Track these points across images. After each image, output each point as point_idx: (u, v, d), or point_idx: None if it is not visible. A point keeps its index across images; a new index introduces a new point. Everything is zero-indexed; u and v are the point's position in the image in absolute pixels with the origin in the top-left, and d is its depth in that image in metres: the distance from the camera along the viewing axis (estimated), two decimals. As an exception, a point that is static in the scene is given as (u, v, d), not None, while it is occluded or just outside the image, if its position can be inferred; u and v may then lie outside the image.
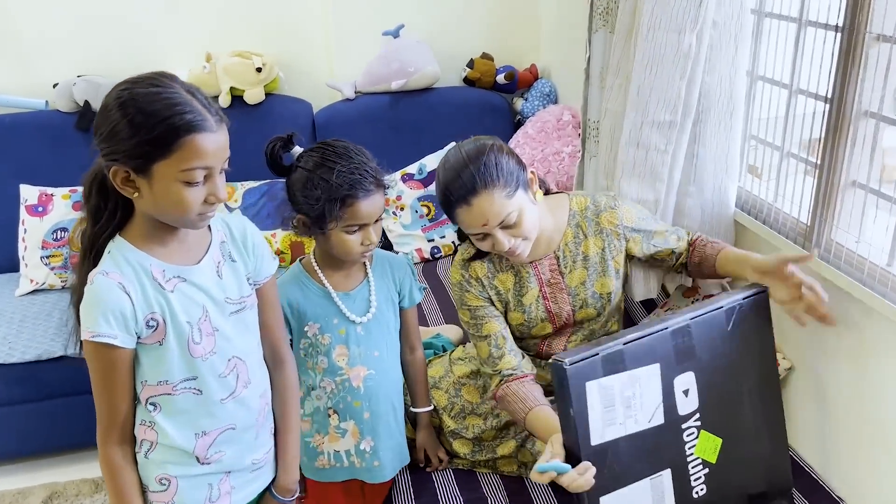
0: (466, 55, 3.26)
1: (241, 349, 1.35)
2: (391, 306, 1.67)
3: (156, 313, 1.24)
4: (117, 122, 1.14)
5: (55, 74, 2.99)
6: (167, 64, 3.05)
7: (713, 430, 1.48)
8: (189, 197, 1.18)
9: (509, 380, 1.65)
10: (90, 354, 1.23)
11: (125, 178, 1.17)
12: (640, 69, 1.80)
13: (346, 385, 1.64)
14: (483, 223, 1.54)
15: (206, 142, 1.16)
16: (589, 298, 1.71)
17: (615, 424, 1.36)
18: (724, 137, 1.87)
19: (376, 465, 1.69)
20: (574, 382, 1.30)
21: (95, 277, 1.21)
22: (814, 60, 1.69)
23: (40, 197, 2.87)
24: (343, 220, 1.50)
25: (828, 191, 1.65)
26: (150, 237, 1.25)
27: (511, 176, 1.53)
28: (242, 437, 1.37)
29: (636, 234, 1.71)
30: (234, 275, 1.34)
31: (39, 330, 2.57)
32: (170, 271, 1.26)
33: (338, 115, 3.12)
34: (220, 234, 1.35)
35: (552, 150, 2.86)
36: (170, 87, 1.17)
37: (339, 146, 1.54)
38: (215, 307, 1.30)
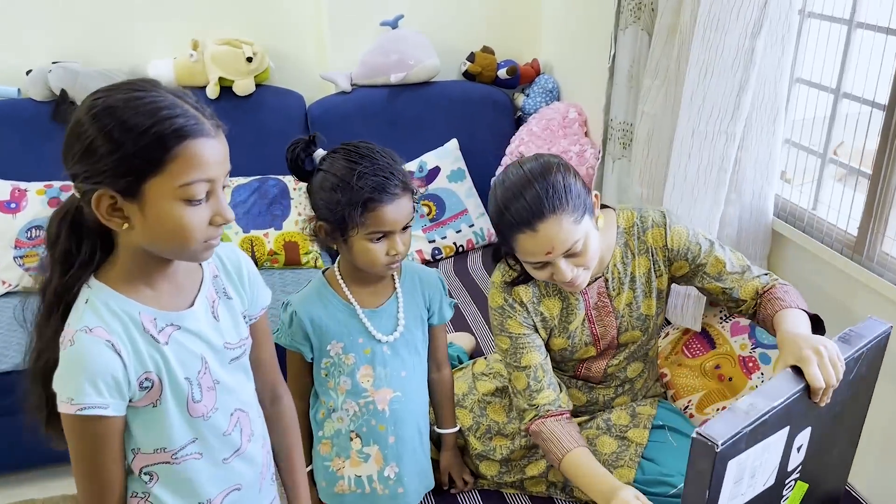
0: (467, 48, 3.15)
1: (244, 400, 1.18)
2: (420, 324, 1.56)
3: (151, 372, 1.04)
4: (94, 137, 0.94)
5: (29, 61, 2.79)
6: (151, 51, 2.88)
7: (806, 477, 1.38)
8: (192, 219, 0.98)
9: (546, 415, 1.54)
10: (74, 430, 1.02)
11: (111, 206, 0.97)
12: (694, 75, 1.68)
13: (370, 408, 1.52)
14: (548, 251, 1.39)
15: (205, 148, 0.97)
16: (635, 321, 1.60)
17: (738, 497, 1.24)
18: (765, 143, 1.78)
19: (400, 492, 1.58)
20: (720, 466, 1.15)
21: (76, 336, 0.99)
22: (869, 65, 1.61)
23: (13, 192, 2.68)
24: (366, 226, 1.38)
25: (881, 201, 1.58)
26: (136, 279, 1.04)
27: (579, 199, 1.39)
28: (247, 494, 1.21)
29: (682, 260, 1.55)
30: (231, 315, 1.16)
31: (15, 337, 2.39)
32: (162, 319, 1.06)
33: (333, 108, 2.98)
34: (212, 267, 1.16)
35: (559, 148, 2.76)
36: (153, 91, 0.98)
37: (363, 147, 1.42)
38: (214, 356, 1.12)
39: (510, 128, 3.07)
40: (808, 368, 1.21)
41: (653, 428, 1.66)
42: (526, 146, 2.85)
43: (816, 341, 1.25)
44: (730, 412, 1.18)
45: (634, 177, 1.94)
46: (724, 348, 1.93)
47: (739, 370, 1.87)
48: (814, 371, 1.20)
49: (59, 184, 2.71)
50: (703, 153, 1.74)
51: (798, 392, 1.24)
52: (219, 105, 2.85)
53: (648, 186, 1.91)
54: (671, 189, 1.78)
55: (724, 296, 1.55)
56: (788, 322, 1.38)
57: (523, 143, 2.88)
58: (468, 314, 2.42)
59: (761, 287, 1.51)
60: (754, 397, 1.21)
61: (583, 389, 1.70)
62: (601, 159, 2.18)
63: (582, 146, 2.76)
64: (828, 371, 1.20)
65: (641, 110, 1.89)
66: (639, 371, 1.70)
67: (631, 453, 1.61)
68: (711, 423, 1.17)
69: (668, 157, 1.76)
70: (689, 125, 1.72)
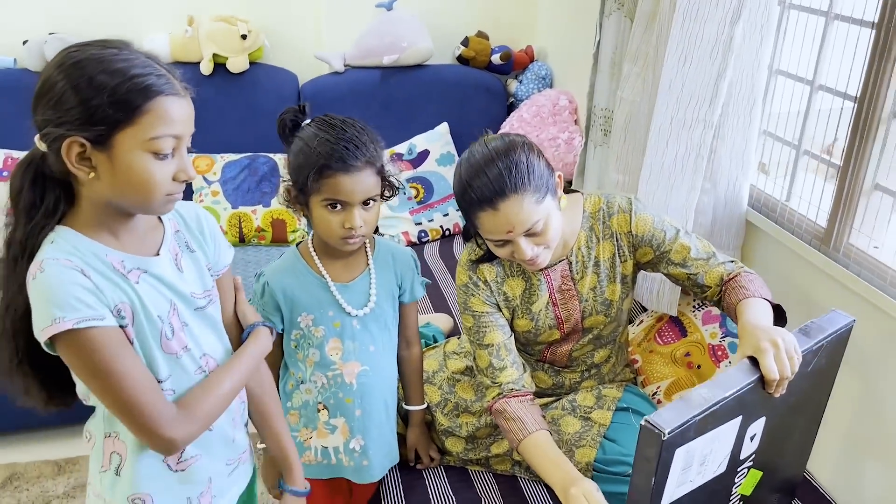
0: (461, 33, 3.15)
1: (211, 347, 1.20)
2: (391, 300, 1.58)
3: (125, 304, 1.05)
4: (66, 88, 0.97)
5: (25, 31, 2.81)
6: (145, 25, 2.89)
7: (760, 465, 1.40)
8: (157, 172, 1.02)
9: (509, 395, 1.56)
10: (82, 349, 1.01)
11: (80, 155, 1.00)
12: (672, 62, 1.68)
13: (338, 380, 1.54)
14: (508, 230, 1.40)
15: (175, 107, 1.02)
16: (599, 305, 1.61)
17: (686, 483, 1.26)
18: (741, 134, 1.79)
19: (365, 465, 1.60)
20: (666, 454, 1.17)
21: (44, 264, 0.99)
22: (843, 57, 1.62)
23: (6, 160, 2.71)
24: (320, 192, 1.39)
25: (849, 193, 1.59)
26: (99, 227, 1.06)
27: (541, 180, 1.40)
28: (216, 439, 1.23)
29: (646, 247, 1.55)
30: (196, 266, 1.19)
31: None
32: (130, 262, 1.08)
33: (325, 88, 2.99)
34: (173, 222, 1.19)
35: (548, 135, 2.77)
36: (125, 49, 1.02)
37: (338, 119, 1.43)
38: (181, 301, 1.14)
39: (502, 113, 3.08)
40: (764, 360, 1.22)
41: (617, 410, 1.67)
42: (516, 132, 2.86)
43: (775, 333, 1.26)
44: (681, 401, 1.20)
45: (611, 164, 1.95)
46: (694, 336, 1.95)
47: (708, 358, 1.89)
48: (769, 363, 1.21)
49: (52, 154, 2.74)
50: (680, 140, 1.75)
51: (752, 383, 1.25)
52: (212, 81, 2.88)
53: (625, 173, 1.91)
54: (647, 176, 1.78)
55: (689, 281, 1.56)
56: (750, 312, 1.39)
57: (513, 128, 2.89)
58: (450, 296, 2.44)
59: (726, 274, 1.52)
60: (708, 387, 1.23)
61: (549, 373, 1.72)
62: (584, 146, 2.19)
63: (571, 133, 2.77)
64: (783, 363, 1.21)
65: (620, 96, 1.90)
66: (605, 357, 1.72)
67: (594, 433, 1.63)
68: (661, 411, 1.18)
69: (645, 145, 1.76)
70: (667, 112, 1.72)
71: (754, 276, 1.51)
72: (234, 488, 1.31)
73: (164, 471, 1.17)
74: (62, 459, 2.46)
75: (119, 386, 1.03)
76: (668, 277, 1.60)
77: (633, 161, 1.87)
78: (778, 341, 1.24)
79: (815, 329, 1.33)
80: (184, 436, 1.09)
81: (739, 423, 1.27)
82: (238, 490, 1.33)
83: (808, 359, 1.30)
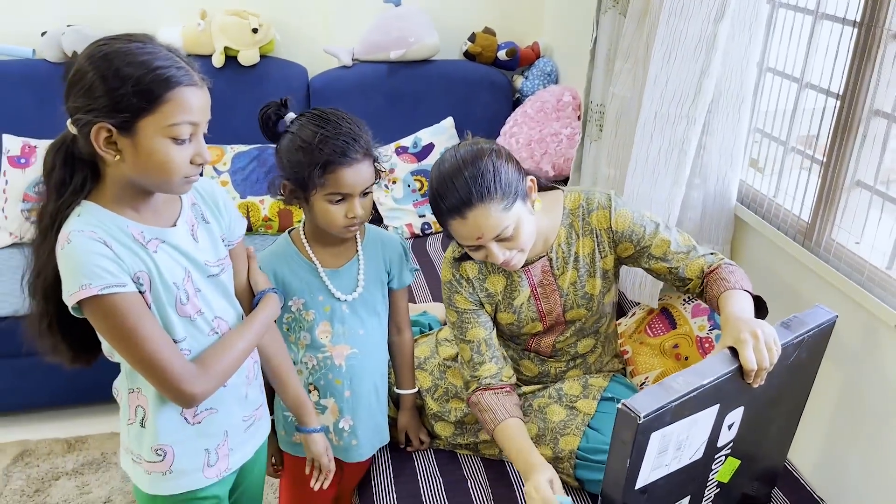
0: (468, 28, 3.20)
1: (222, 311, 1.31)
2: (379, 286, 1.63)
3: (143, 272, 1.17)
4: (95, 78, 1.08)
5: (44, 23, 2.90)
6: (159, 18, 2.97)
7: (737, 454, 1.42)
8: (176, 156, 1.13)
9: (486, 389, 1.61)
10: (107, 312, 1.12)
11: (107, 139, 1.10)
12: (658, 58, 1.72)
13: (327, 362, 1.60)
14: (478, 236, 1.44)
15: (193, 96, 1.12)
16: (580, 299, 1.64)
17: (661, 467, 1.29)
18: (731, 130, 1.82)
19: (354, 444, 1.66)
20: (641, 437, 1.20)
21: (71, 235, 1.11)
22: (827, 55, 1.64)
23: (23, 148, 2.80)
24: (325, 187, 1.44)
25: (831, 189, 1.62)
26: (122, 201, 1.18)
27: (509, 187, 1.43)
28: (230, 395, 1.34)
29: (626, 242, 1.58)
30: (210, 237, 1.30)
31: (16, 284, 2.47)
32: (148, 233, 1.19)
33: (334, 81, 3.05)
34: (190, 196, 1.30)
35: (550, 130, 2.81)
36: (150, 43, 1.13)
37: (330, 112, 1.48)
38: (195, 269, 1.26)
39: (507, 109, 3.12)
40: (743, 350, 1.25)
41: (603, 399, 1.70)
42: (519, 127, 2.91)
43: (755, 324, 1.29)
44: (659, 387, 1.23)
45: (602, 157, 1.99)
46: (683, 329, 1.99)
47: (696, 350, 1.92)
48: (748, 353, 1.25)
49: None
50: (664, 135, 1.78)
51: (730, 372, 1.28)
52: (223, 74, 2.95)
53: (615, 167, 1.95)
54: (633, 169, 1.82)
55: (670, 275, 1.59)
56: (731, 304, 1.42)
57: (517, 123, 2.93)
58: (448, 286, 2.48)
59: (707, 266, 1.55)
60: (686, 374, 1.26)
61: (535, 361, 1.76)
62: (580, 141, 2.23)
63: (573, 129, 2.81)
64: (762, 354, 1.25)
65: (612, 92, 1.94)
66: (590, 347, 1.75)
67: (578, 422, 1.66)
68: (638, 395, 1.21)
69: (632, 139, 1.80)
70: (651, 107, 1.76)
71: (735, 268, 1.53)
72: (251, 442, 1.43)
73: (183, 424, 1.29)
74: (72, 437, 2.55)
75: (140, 346, 1.15)
76: (650, 272, 1.62)
77: (621, 155, 1.91)
78: (758, 332, 1.27)
79: (797, 323, 1.36)
80: (201, 391, 1.21)
81: (717, 411, 1.30)
82: (255, 445, 1.44)
83: (789, 352, 1.33)
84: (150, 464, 1.29)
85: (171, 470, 1.29)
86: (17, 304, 2.42)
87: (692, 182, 1.89)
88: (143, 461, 1.29)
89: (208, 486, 1.35)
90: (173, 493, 1.32)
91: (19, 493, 2.32)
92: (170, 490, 1.31)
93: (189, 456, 1.30)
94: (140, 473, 1.31)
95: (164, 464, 1.29)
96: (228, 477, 1.39)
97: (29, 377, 2.54)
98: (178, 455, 1.29)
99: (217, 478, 1.35)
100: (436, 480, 1.73)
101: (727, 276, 1.50)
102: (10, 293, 2.47)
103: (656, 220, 1.59)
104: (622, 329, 2.12)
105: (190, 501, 1.35)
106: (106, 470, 2.42)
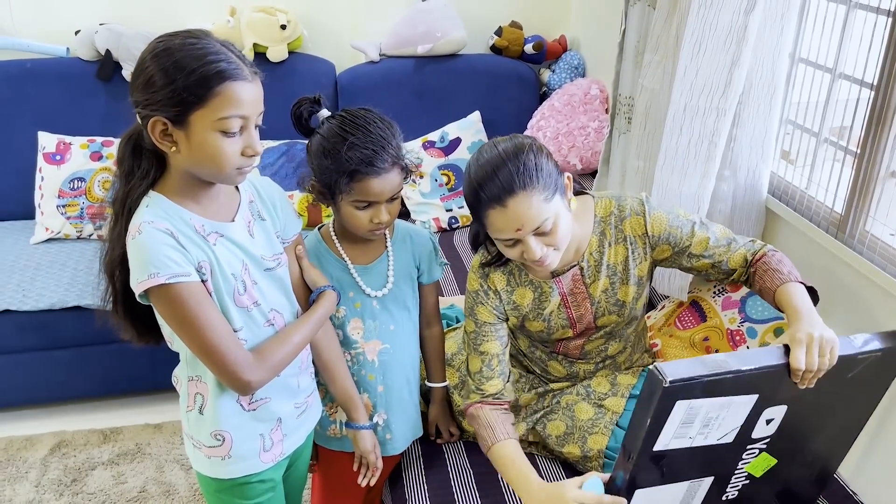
0: (495, 22, 3.19)
1: (278, 303, 1.36)
2: (409, 282, 1.64)
3: (205, 262, 1.22)
4: (154, 73, 1.14)
5: (77, 21, 2.96)
6: (190, 16, 3.00)
7: (774, 453, 1.41)
8: (226, 148, 1.17)
9: (486, 402, 1.61)
10: (169, 300, 1.18)
11: (163, 132, 1.16)
12: (687, 50, 1.71)
13: (360, 358, 1.61)
14: (517, 228, 1.41)
15: (242, 90, 1.16)
16: (612, 307, 1.62)
17: (684, 438, 1.28)
18: (762, 121, 1.80)
19: (388, 438, 1.67)
20: (664, 401, 1.21)
21: (142, 226, 1.17)
22: (861, 45, 1.62)
23: (58, 145, 2.85)
24: (351, 194, 1.45)
25: (866, 180, 1.60)
26: (185, 193, 1.23)
27: (550, 178, 1.41)
28: (285, 383, 1.40)
29: (664, 244, 1.56)
30: (265, 233, 1.35)
31: (53, 279, 2.57)
32: (209, 226, 1.25)
33: (361, 77, 3.07)
34: (249, 194, 1.35)
35: (578, 124, 2.81)
36: (204, 39, 1.17)
37: (360, 116, 1.47)
38: (252, 263, 1.31)
39: (534, 102, 3.12)
40: (795, 349, 1.24)
41: (631, 397, 1.69)
42: (547, 121, 2.90)
43: (816, 327, 1.27)
44: (698, 360, 1.24)
45: (632, 149, 1.98)
46: (713, 321, 1.98)
47: (726, 343, 1.91)
48: (798, 353, 1.23)
49: (101, 139, 2.87)
50: (693, 127, 1.77)
51: (776, 367, 1.26)
52: (252, 70, 2.98)
53: (644, 159, 1.94)
54: (662, 162, 1.81)
55: (713, 269, 1.57)
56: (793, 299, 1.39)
57: (544, 117, 2.93)
58: (476, 280, 2.49)
59: (750, 254, 1.53)
60: (730, 356, 1.26)
61: (563, 363, 1.74)
62: (609, 133, 2.23)
63: (601, 122, 2.80)
64: (813, 357, 1.23)
65: (641, 84, 1.93)
66: (619, 349, 1.73)
67: (606, 421, 1.65)
68: (675, 362, 1.23)
69: (662, 131, 1.79)
70: (681, 100, 1.75)
71: (781, 255, 1.51)
72: (303, 428, 1.49)
73: (239, 411, 1.34)
74: (107, 429, 2.60)
75: (203, 333, 1.20)
76: (691, 270, 1.60)
77: (652, 147, 1.90)
78: (815, 335, 1.25)
79: (869, 340, 1.32)
80: (257, 379, 1.27)
81: (755, 402, 1.29)
82: (307, 430, 1.50)
83: (849, 365, 1.29)
84: (209, 448, 1.34)
85: (230, 455, 1.35)
86: (53, 299, 2.48)
87: (722, 174, 1.88)
88: (203, 446, 1.34)
89: (264, 470, 1.40)
90: (233, 476, 1.38)
91: (56, 483, 2.38)
92: (230, 474, 1.37)
93: (246, 441, 1.36)
94: (201, 458, 1.37)
95: (223, 448, 1.34)
96: (282, 461, 1.45)
97: (66, 370, 2.60)
98: (236, 440, 1.34)
99: (273, 462, 1.41)
100: (466, 472, 1.74)
101: (777, 266, 1.47)
102: (47, 287, 2.53)
103: (692, 219, 1.57)
104: (651, 322, 2.11)
105: (248, 485, 1.40)
106: (140, 460, 2.47)
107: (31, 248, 2.76)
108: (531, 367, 1.79)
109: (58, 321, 2.50)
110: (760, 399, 1.30)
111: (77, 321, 2.50)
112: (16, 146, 2.89)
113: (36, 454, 2.49)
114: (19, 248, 2.75)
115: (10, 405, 2.66)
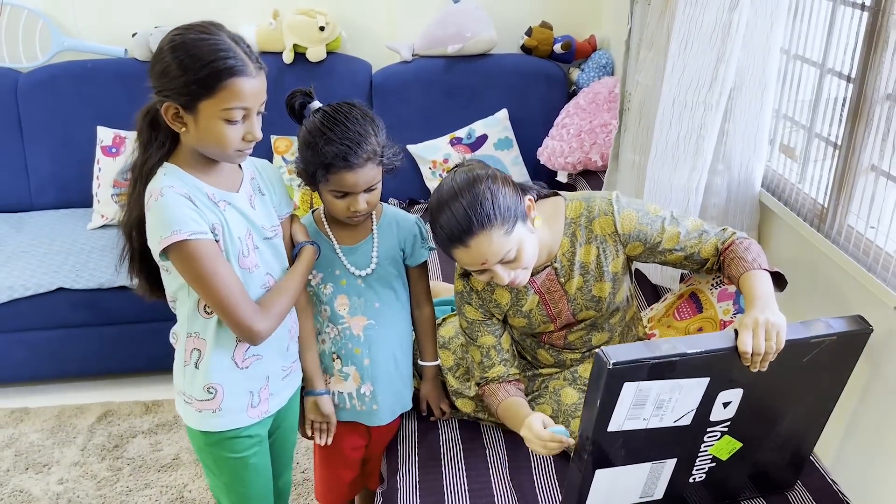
0: (525, 23, 3.25)
1: (273, 269, 1.51)
2: (394, 263, 1.73)
3: (218, 224, 1.37)
4: (169, 63, 1.29)
5: (134, 24, 3.19)
6: (237, 18, 3.19)
7: (738, 436, 1.44)
8: (229, 134, 1.32)
9: (493, 381, 1.71)
10: (188, 256, 1.32)
11: (175, 115, 1.32)
12: (675, 46, 1.76)
13: (346, 332, 1.72)
14: (482, 262, 1.47)
15: (246, 85, 1.31)
16: (588, 302, 1.67)
17: (638, 419, 1.33)
18: (754, 116, 1.83)
19: (375, 409, 1.77)
20: (611, 381, 1.26)
21: (164, 190, 1.32)
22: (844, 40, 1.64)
23: (115, 139, 3.08)
24: (328, 184, 1.56)
25: (845, 173, 1.61)
26: (195, 166, 1.39)
27: (509, 211, 1.44)
28: (275, 345, 1.53)
29: (635, 241, 1.59)
30: (264, 207, 1.51)
31: (105, 261, 2.79)
32: (218, 195, 1.40)
33: (394, 76, 3.19)
34: (251, 171, 1.52)
35: (600, 121, 2.86)
36: (217, 34, 1.32)
37: (342, 111, 1.56)
38: (254, 230, 1.46)
39: (561, 101, 3.16)
40: (741, 333, 1.29)
41: None
42: (571, 118, 2.96)
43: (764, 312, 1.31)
44: (644, 344, 1.31)
45: (628, 144, 2.03)
46: (709, 313, 2.00)
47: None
48: (745, 336, 1.28)
49: (152, 134, 3.09)
50: (682, 122, 1.81)
51: (724, 350, 1.31)
52: (293, 70, 3.14)
53: (639, 154, 1.99)
54: (654, 155, 1.86)
55: (688, 261, 1.60)
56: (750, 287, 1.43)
57: (569, 115, 2.99)
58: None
59: (720, 242, 1.56)
60: (679, 340, 1.32)
61: (550, 352, 1.80)
62: (618, 129, 2.28)
63: (624, 120, 2.84)
64: (759, 341, 1.28)
65: (636, 81, 1.98)
66: (605, 339, 1.77)
67: None
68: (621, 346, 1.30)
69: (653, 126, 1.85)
70: (670, 94, 1.79)
71: (749, 242, 1.53)
72: (287, 391, 1.62)
73: (233, 367, 1.48)
74: (150, 401, 2.81)
75: (219, 287, 1.35)
76: (666, 264, 1.64)
77: (645, 141, 1.95)
78: (760, 319, 1.29)
79: (821, 325, 1.35)
80: (266, 327, 1.42)
81: (707, 385, 1.34)
82: (289, 393, 1.64)
83: (802, 349, 1.33)
84: (200, 402, 1.48)
85: (220, 408, 1.48)
86: (102, 279, 2.70)
87: (715, 168, 1.91)
88: (195, 400, 1.48)
89: (251, 424, 1.54)
90: (221, 429, 1.51)
91: (100, 448, 2.59)
92: (218, 427, 1.50)
93: (236, 396, 1.50)
94: (191, 413, 1.51)
95: (214, 402, 1.48)
96: (267, 419, 1.58)
97: (114, 345, 2.82)
98: (227, 395, 1.48)
99: (258, 418, 1.54)
100: (456, 446, 1.81)
101: (743, 254, 1.50)
102: (98, 268, 2.75)
103: (662, 215, 1.59)
104: (653, 313, 2.15)
105: (236, 439, 1.54)
106: (177, 431, 2.66)
107: (87, 233, 3.01)
108: (523, 354, 1.86)
109: (106, 299, 2.72)
110: (713, 382, 1.34)
111: (124, 300, 2.71)
112: (77, 140, 3.14)
113: (84, 421, 2.71)
114: (77, 233, 3.00)
115: (63, 376, 2.90)
